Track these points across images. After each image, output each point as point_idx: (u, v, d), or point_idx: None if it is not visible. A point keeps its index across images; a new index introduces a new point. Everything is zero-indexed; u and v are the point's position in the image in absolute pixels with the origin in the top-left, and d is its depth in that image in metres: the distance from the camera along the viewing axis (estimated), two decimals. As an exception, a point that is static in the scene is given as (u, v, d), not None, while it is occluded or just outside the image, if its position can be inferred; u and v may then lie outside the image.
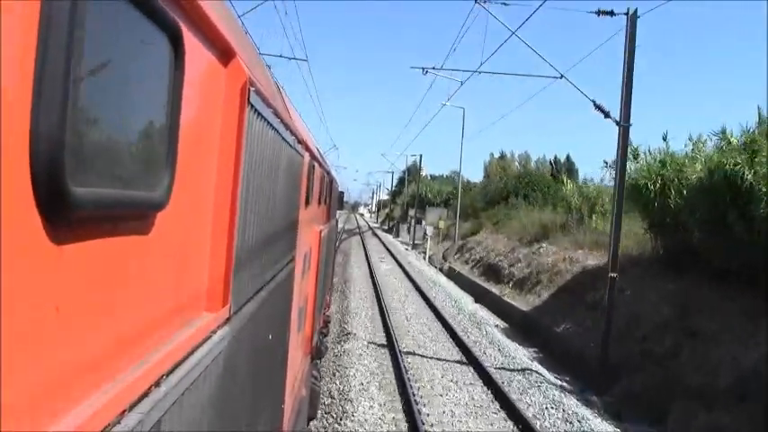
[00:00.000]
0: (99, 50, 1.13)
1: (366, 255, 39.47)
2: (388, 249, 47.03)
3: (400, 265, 34.99)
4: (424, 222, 60.55)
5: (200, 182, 1.96)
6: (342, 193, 21.00)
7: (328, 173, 10.51)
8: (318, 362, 10.68)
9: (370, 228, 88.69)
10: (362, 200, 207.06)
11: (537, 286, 22.85)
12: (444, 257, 40.51)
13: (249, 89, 2.21)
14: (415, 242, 56.32)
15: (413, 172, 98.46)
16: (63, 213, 1.03)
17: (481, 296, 26.86)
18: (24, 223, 0.96)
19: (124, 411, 1.28)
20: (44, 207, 0.99)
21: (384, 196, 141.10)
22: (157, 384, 1.47)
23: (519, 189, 48.65)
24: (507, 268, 27.17)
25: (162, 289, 1.64)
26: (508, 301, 23.48)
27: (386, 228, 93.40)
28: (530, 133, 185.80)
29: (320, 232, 7.94)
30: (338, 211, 19.66)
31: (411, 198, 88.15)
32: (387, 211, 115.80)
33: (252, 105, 2.29)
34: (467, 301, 25.22)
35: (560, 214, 30.68)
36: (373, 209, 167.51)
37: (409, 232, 64.09)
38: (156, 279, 1.60)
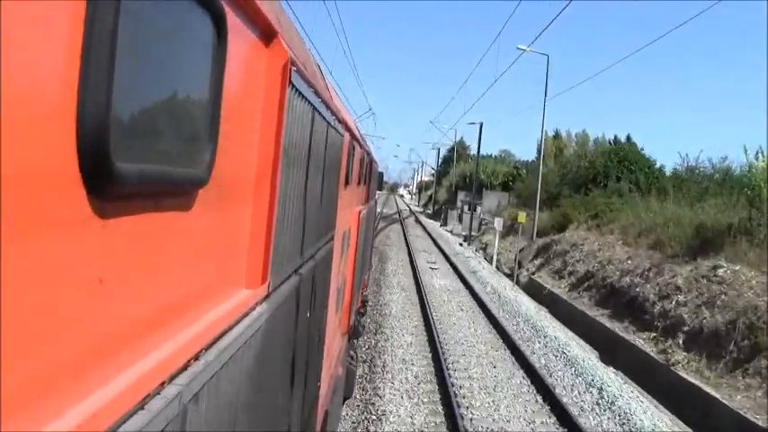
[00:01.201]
0: (144, 29, 1.15)
1: (411, 258, 28.55)
2: (438, 246, 35.93)
3: (462, 278, 24.02)
4: (479, 209, 49.45)
5: (241, 160, 1.97)
6: (381, 173, 19.39)
7: (368, 153, 10.21)
8: (355, 342, 10.48)
9: (412, 212, 78.44)
10: (402, 180, 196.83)
11: (756, 359, 11.67)
12: (519, 263, 29.31)
13: (291, 69, 2.21)
14: (470, 233, 45.25)
15: (459, 150, 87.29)
16: (107, 188, 1.05)
17: (610, 347, 15.83)
18: (70, 197, 0.98)
19: (164, 383, 1.30)
20: (89, 181, 1.01)
21: (426, 177, 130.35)
22: (196, 358, 1.49)
23: (610, 170, 37.38)
24: (657, 302, 16.00)
25: (202, 264, 1.66)
26: (690, 380, 12.33)
27: (429, 212, 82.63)
28: (583, 112, 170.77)
29: (359, 213, 7.75)
30: (377, 192, 17.87)
31: (460, 179, 77.23)
32: (430, 193, 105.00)
33: (293, 85, 2.30)
34: (598, 368, 14.07)
35: (721, 207, 19.41)
36: (414, 190, 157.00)
37: (461, 221, 53.05)
38: (197, 254, 1.62)
